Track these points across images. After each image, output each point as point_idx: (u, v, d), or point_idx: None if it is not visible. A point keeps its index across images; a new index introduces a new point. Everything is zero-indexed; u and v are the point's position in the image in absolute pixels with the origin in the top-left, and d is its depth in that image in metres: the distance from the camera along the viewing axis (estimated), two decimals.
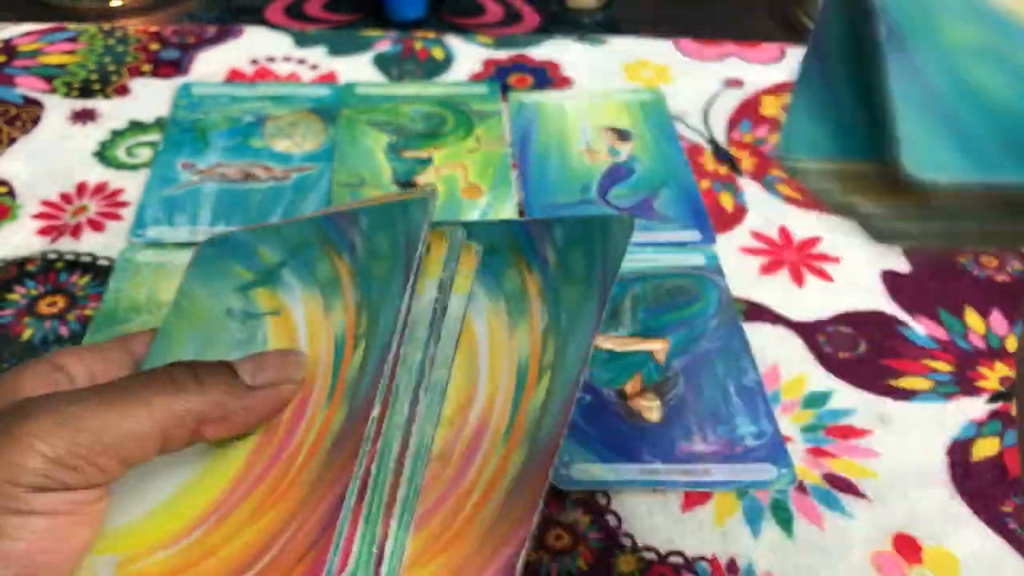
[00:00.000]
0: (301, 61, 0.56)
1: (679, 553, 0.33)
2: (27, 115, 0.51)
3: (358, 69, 0.55)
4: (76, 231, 0.44)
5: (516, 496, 0.23)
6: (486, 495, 0.23)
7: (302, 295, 0.27)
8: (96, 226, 0.44)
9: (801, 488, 0.35)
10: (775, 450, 0.36)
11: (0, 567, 0.21)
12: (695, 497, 0.34)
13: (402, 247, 0.25)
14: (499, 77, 0.55)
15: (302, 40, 0.58)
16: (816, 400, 0.38)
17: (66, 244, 0.43)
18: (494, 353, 0.25)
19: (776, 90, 0.56)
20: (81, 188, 0.46)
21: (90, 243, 0.43)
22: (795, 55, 0.59)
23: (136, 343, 0.28)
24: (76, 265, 0.42)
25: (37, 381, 0.25)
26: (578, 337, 0.25)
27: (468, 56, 0.57)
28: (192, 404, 0.23)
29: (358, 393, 0.24)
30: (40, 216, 0.45)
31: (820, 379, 0.39)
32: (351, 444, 0.23)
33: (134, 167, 0.47)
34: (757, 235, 0.46)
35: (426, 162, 0.48)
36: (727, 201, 0.48)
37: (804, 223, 0.47)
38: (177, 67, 0.55)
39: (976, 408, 0.38)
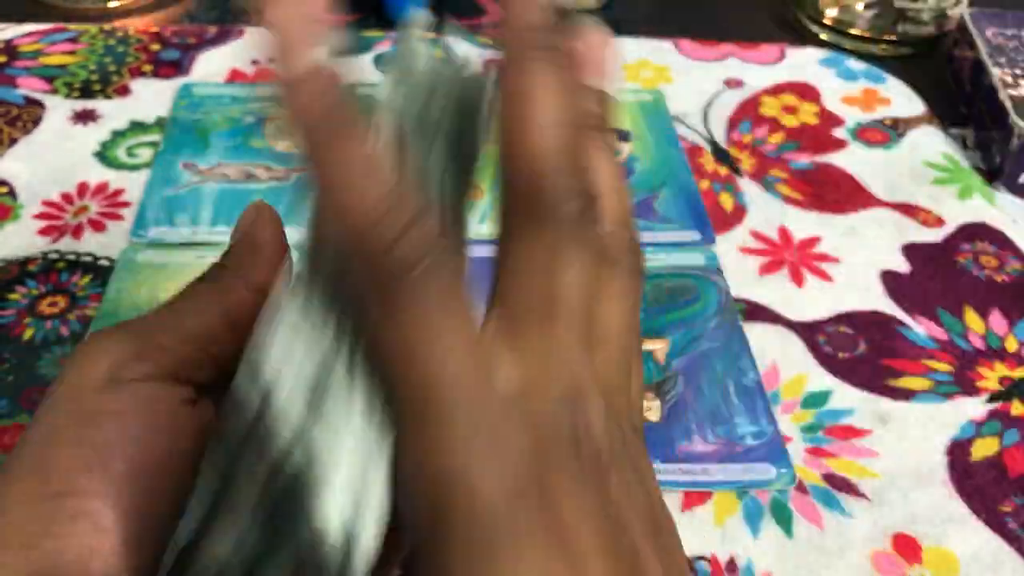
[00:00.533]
0: None
1: None
2: (28, 115, 0.51)
3: (358, 69, 0.56)
4: (77, 231, 0.44)
5: None
6: None
7: None
8: (97, 226, 0.44)
9: (801, 488, 0.35)
10: (775, 450, 0.36)
11: (81, 478, 0.19)
12: (694, 497, 0.34)
13: None
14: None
15: None
16: (816, 400, 0.38)
17: (67, 244, 0.43)
18: None
19: (776, 90, 0.56)
20: (82, 188, 0.46)
21: (91, 243, 0.43)
22: (795, 55, 0.59)
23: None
24: (77, 265, 0.42)
25: None
26: None
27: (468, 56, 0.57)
28: (235, 272, 0.22)
29: None
30: (41, 216, 0.45)
31: (819, 379, 0.39)
32: None
33: (135, 167, 0.48)
34: (757, 235, 0.46)
35: None
36: (727, 201, 0.48)
37: (804, 223, 0.47)
38: (178, 67, 0.55)
39: (975, 408, 0.38)
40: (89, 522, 0.19)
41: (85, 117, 0.51)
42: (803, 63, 0.58)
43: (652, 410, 0.37)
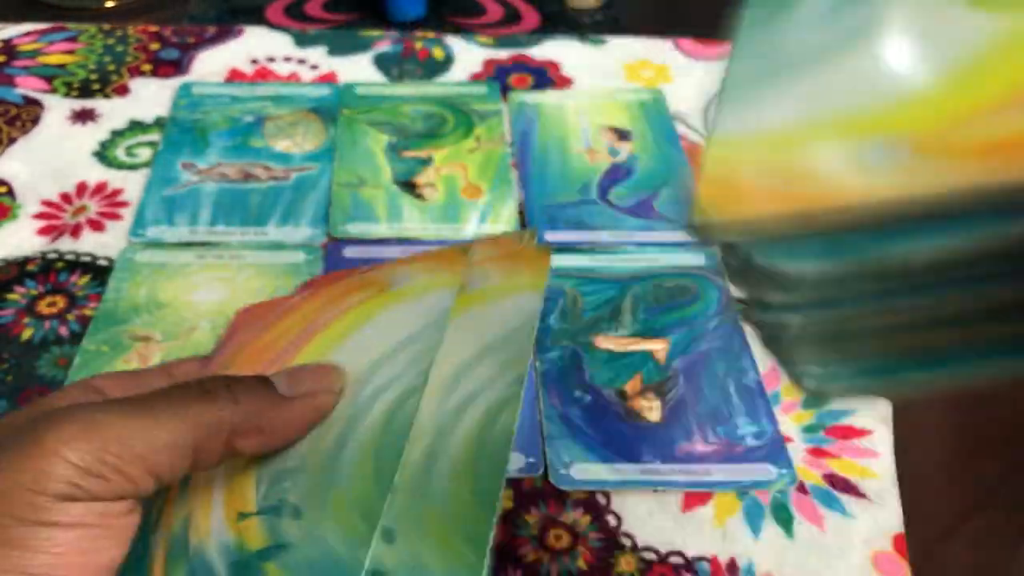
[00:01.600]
0: (301, 61, 0.56)
1: (679, 553, 0.33)
2: (27, 115, 0.51)
3: (358, 69, 0.55)
4: (76, 231, 0.44)
5: None
6: None
7: None
8: (96, 226, 0.44)
9: (801, 488, 0.35)
10: (775, 450, 0.36)
11: (38, 556, 0.20)
12: (695, 497, 0.34)
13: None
14: (499, 77, 0.55)
15: (302, 40, 0.58)
16: (816, 400, 0.38)
17: (66, 244, 0.43)
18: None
19: None
20: (81, 188, 0.46)
21: (90, 243, 0.43)
22: None
23: (179, 369, 0.27)
24: (76, 265, 0.42)
25: (72, 402, 0.24)
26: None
27: (468, 56, 0.57)
28: (225, 414, 0.22)
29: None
30: (40, 216, 0.45)
31: None
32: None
33: (134, 167, 0.47)
34: None
35: (426, 162, 0.48)
36: None
37: None
38: (177, 67, 0.55)
39: None
40: None
41: (84, 117, 0.51)
42: None
43: (653, 410, 0.37)
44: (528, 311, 0.25)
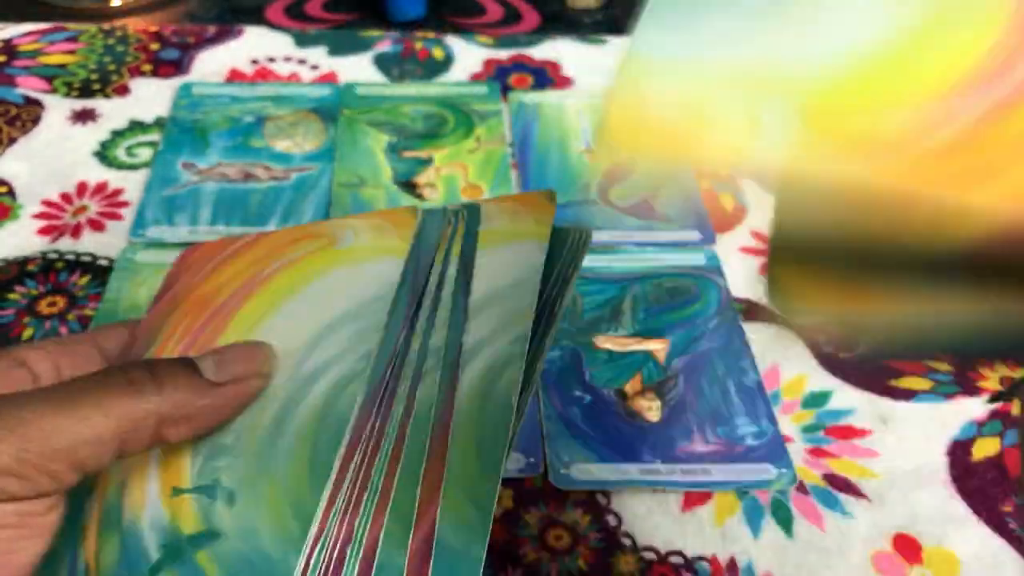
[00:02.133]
0: (301, 61, 0.56)
1: (679, 553, 0.33)
2: (27, 115, 0.51)
3: (358, 69, 0.55)
4: (76, 231, 0.44)
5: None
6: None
7: None
8: (96, 226, 0.44)
9: (801, 488, 0.35)
10: (775, 450, 0.36)
11: None
12: (695, 497, 0.34)
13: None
14: (499, 77, 0.55)
15: (302, 40, 0.58)
16: (816, 400, 0.38)
17: (66, 244, 0.43)
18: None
19: None
20: (81, 188, 0.46)
21: (90, 243, 0.43)
22: None
23: (107, 338, 0.26)
24: (76, 265, 0.42)
25: None
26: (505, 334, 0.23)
27: (468, 56, 0.57)
28: (151, 405, 0.21)
29: (375, 374, 0.23)
30: (40, 216, 0.45)
31: (820, 379, 0.39)
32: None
33: (134, 167, 0.47)
34: (757, 235, 0.46)
35: (426, 162, 0.48)
36: (727, 201, 0.48)
37: None
38: (177, 67, 0.55)
39: (976, 408, 0.38)
40: None
41: (84, 117, 0.51)
42: None
43: (652, 410, 0.37)
44: (531, 264, 0.24)
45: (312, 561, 0.20)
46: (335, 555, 0.20)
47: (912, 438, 0.37)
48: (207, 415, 0.23)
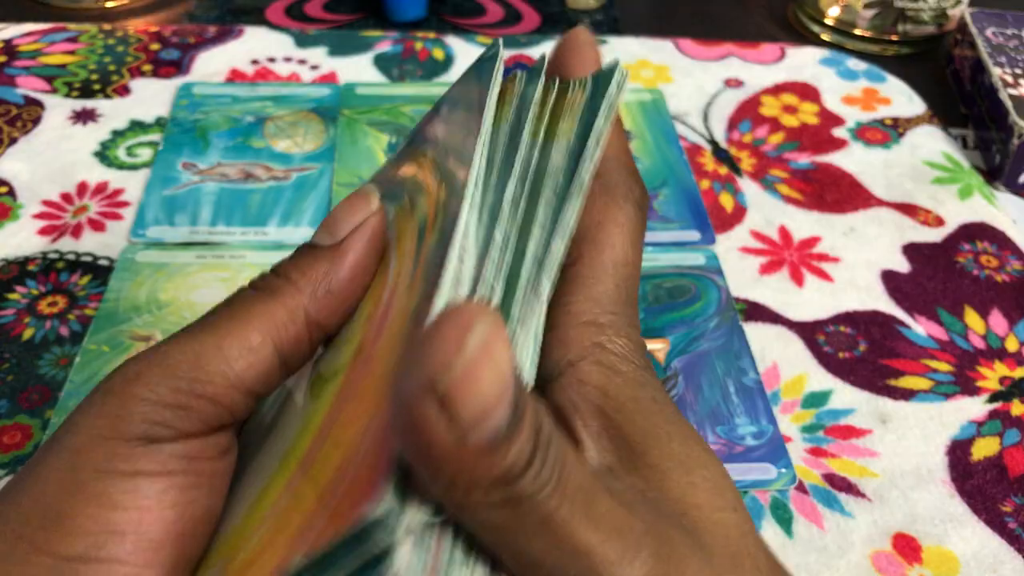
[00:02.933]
0: (302, 61, 0.56)
1: None
2: (28, 115, 0.51)
3: (358, 69, 0.56)
4: (77, 231, 0.44)
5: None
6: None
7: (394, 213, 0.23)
8: (97, 226, 0.44)
9: (801, 488, 0.35)
10: (775, 450, 0.36)
11: (111, 542, 0.17)
12: None
13: (475, 103, 0.22)
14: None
15: (303, 40, 0.58)
16: (816, 400, 0.38)
17: (67, 244, 0.43)
18: None
19: (776, 90, 0.56)
20: (82, 188, 0.46)
21: (91, 243, 0.43)
22: (795, 55, 0.59)
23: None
24: (77, 265, 0.42)
25: None
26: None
27: (469, 56, 0.57)
28: (290, 298, 0.20)
29: (432, 267, 0.20)
30: (41, 216, 0.45)
31: (820, 379, 0.39)
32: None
33: (135, 167, 0.47)
34: (757, 235, 0.46)
35: None
36: (727, 201, 0.48)
37: (804, 223, 0.47)
38: (178, 67, 0.55)
39: (976, 408, 0.38)
40: None
41: (85, 117, 0.51)
42: (803, 63, 0.58)
43: None
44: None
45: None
46: None
47: (912, 438, 0.37)
48: (347, 278, 0.20)
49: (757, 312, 0.42)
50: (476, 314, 0.13)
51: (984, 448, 0.37)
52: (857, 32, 0.61)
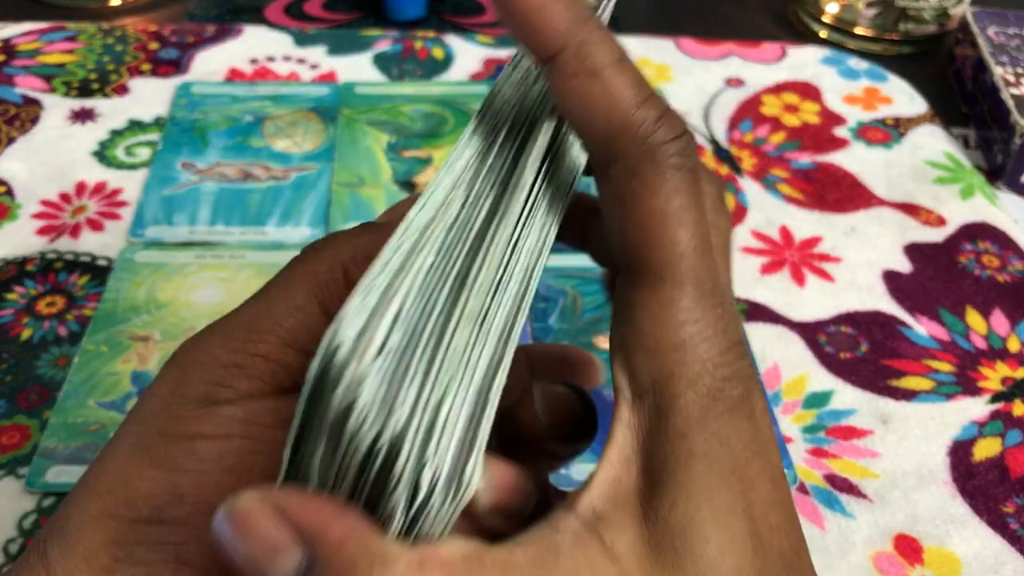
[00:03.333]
0: (301, 60, 0.56)
1: None
2: (26, 114, 0.50)
3: (358, 69, 0.55)
4: (75, 231, 0.44)
5: None
6: None
7: None
8: (95, 226, 0.44)
9: (802, 488, 0.35)
10: None
11: (171, 505, 0.17)
12: None
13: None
14: None
15: (302, 39, 0.58)
16: (817, 400, 0.38)
17: (65, 244, 0.43)
18: None
19: (777, 89, 0.56)
20: (80, 188, 0.46)
21: (89, 243, 0.43)
22: (796, 54, 0.59)
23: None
24: (75, 265, 0.42)
25: None
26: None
27: (468, 55, 0.57)
28: (331, 256, 0.20)
29: None
30: (39, 216, 0.44)
31: (821, 379, 0.39)
32: None
33: (133, 167, 0.47)
34: (758, 235, 0.46)
35: (426, 162, 0.48)
36: (728, 201, 0.48)
37: (805, 223, 0.47)
38: (176, 66, 0.55)
39: (977, 408, 0.38)
40: (173, 553, 0.17)
41: (83, 116, 0.51)
42: (804, 62, 0.58)
43: None
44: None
45: None
46: None
47: (913, 438, 0.37)
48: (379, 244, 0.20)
49: (758, 312, 0.42)
50: None
51: (986, 449, 0.37)
52: (858, 31, 0.61)
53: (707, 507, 0.16)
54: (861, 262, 0.45)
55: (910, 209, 0.48)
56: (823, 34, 0.62)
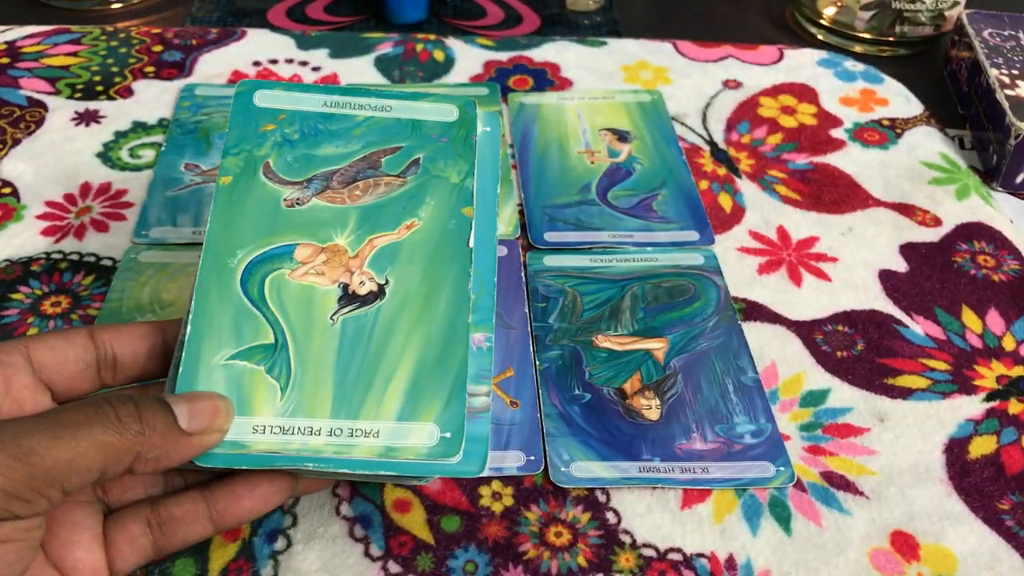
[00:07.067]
0: (303, 63, 0.56)
1: (678, 550, 0.33)
2: (31, 116, 0.51)
3: (360, 71, 0.56)
4: (80, 232, 0.44)
5: None
6: None
7: None
8: (100, 227, 0.44)
9: (799, 486, 0.35)
10: (773, 448, 0.36)
11: None
12: (694, 495, 0.35)
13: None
14: (499, 79, 0.56)
15: (304, 42, 0.58)
16: (814, 399, 0.39)
17: (70, 244, 0.43)
18: None
19: (774, 91, 0.56)
20: (85, 189, 0.46)
21: (94, 243, 0.43)
22: (793, 56, 0.59)
23: (104, 333, 0.29)
24: (80, 265, 0.42)
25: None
26: None
27: (469, 58, 0.57)
28: (133, 443, 0.25)
29: None
30: (44, 217, 0.45)
31: (818, 378, 0.39)
32: None
33: (137, 168, 0.48)
34: (755, 235, 0.46)
35: None
36: (726, 201, 0.48)
37: (802, 223, 0.47)
38: (180, 69, 0.55)
39: (973, 407, 0.39)
40: None
41: (88, 118, 0.51)
42: (801, 64, 0.59)
43: (652, 409, 0.37)
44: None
45: None
46: None
47: (909, 436, 0.37)
48: (173, 458, 0.26)
49: (756, 311, 0.42)
50: None
51: (981, 446, 0.37)
52: (855, 33, 0.61)
53: None
54: (858, 262, 0.45)
55: (906, 209, 0.48)
56: (820, 36, 0.63)
